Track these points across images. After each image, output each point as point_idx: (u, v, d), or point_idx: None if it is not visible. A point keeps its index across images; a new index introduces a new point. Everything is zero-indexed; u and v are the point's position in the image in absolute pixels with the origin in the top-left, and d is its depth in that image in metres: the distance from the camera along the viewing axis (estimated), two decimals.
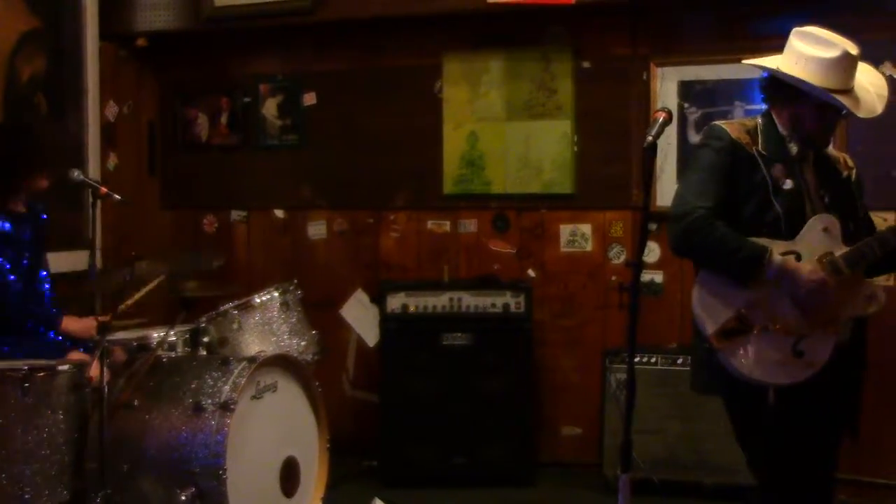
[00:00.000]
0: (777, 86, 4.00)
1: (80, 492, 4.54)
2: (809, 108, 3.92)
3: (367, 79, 7.35)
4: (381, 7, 6.92)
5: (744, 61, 4.17)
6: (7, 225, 5.24)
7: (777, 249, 3.80)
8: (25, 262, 5.31)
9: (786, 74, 3.93)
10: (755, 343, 3.77)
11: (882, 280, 6.07)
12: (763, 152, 3.92)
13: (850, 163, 4.18)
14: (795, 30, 4.04)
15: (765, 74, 4.06)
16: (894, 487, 6.16)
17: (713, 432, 5.95)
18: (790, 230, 3.85)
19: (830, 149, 4.23)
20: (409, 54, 7.25)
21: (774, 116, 4.01)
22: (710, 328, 3.81)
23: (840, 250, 3.85)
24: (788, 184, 3.89)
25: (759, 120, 4.04)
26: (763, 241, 3.81)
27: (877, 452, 6.12)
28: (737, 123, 4.05)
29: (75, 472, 4.52)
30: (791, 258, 3.79)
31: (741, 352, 3.78)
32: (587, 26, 6.85)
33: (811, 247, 3.84)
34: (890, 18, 6.17)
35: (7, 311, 5.15)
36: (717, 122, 4.06)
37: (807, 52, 3.92)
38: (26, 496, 4.35)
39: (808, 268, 3.78)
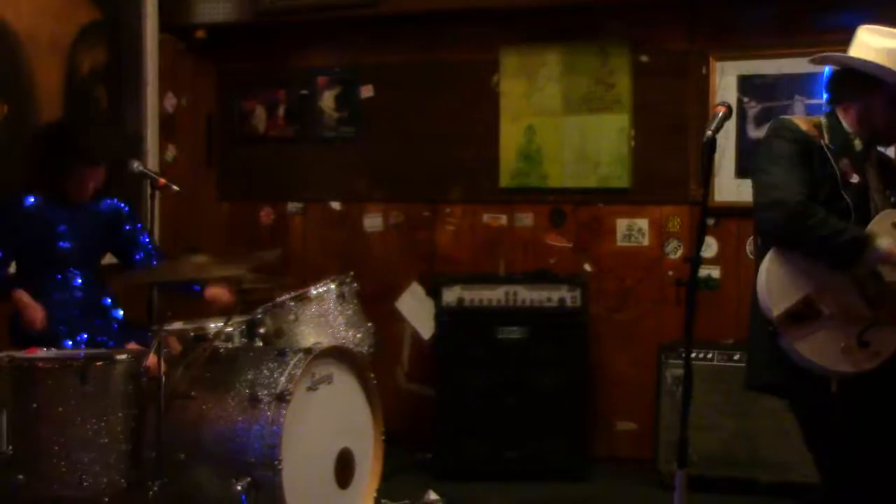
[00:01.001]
0: (846, 80, 3.97)
1: (137, 480, 4.58)
2: (881, 101, 3.89)
3: (425, 72, 7.36)
4: (439, 0, 6.93)
5: (821, 55, 4.11)
6: (30, 199, 5.31)
7: None
8: (64, 244, 5.35)
9: (864, 62, 3.89)
10: (821, 329, 3.73)
11: None
12: (830, 145, 3.89)
13: None
14: (863, 27, 4.00)
15: (831, 70, 4.03)
16: None
17: (769, 429, 5.92)
18: (857, 223, 3.81)
19: (890, 154, 4.21)
20: (467, 48, 7.25)
21: (840, 114, 3.97)
22: (776, 310, 3.76)
23: None
24: (855, 178, 3.86)
25: (823, 119, 3.99)
26: None
27: None
28: (803, 118, 4.02)
29: (132, 461, 4.56)
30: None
31: (806, 337, 3.74)
32: (645, 20, 6.82)
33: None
34: None
35: None
36: (784, 116, 4.04)
37: (878, 44, 3.88)
38: (84, 483, 4.39)
39: None
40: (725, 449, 6.15)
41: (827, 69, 4.05)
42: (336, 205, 7.63)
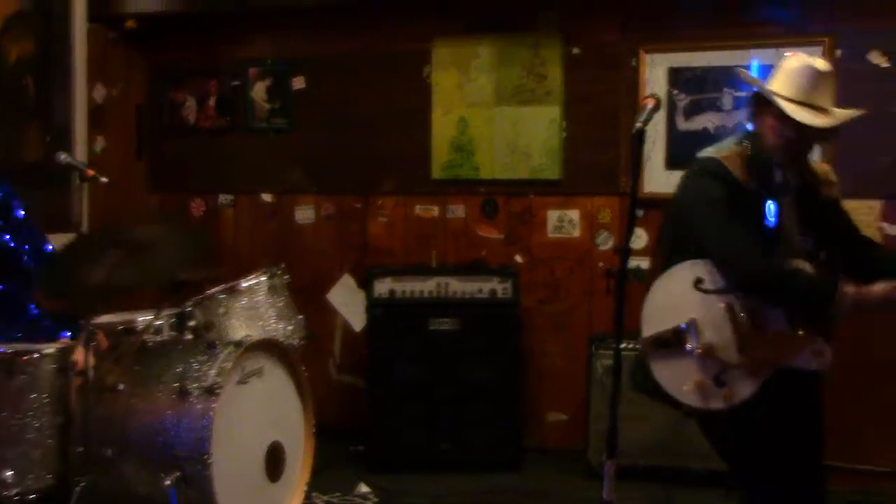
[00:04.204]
0: (754, 100, 3.96)
1: (64, 476, 4.52)
2: (772, 119, 3.86)
3: (357, 63, 7.34)
4: None
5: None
6: None
7: None
8: None
9: (745, 74, 3.98)
10: (681, 358, 3.77)
11: None
12: (758, 189, 3.84)
13: (833, 177, 4.10)
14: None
15: (753, 89, 4.02)
16: (878, 474, 6.20)
17: None
18: None
19: (813, 163, 4.15)
20: (399, 39, 7.24)
21: (760, 134, 3.93)
22: (645, 332, 3.82)
23: None
24: (774, 221, 3.85)
25: (746, 142, 3.93)
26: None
27: (859, 439, 6.17)
28: (733, 156, 3.90)
29: (60, 457, 4.50)
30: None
31: (665, 361, 3.79)
32: (577, 12, 6.85)
33: None
34: (877, 8, 6.19)
35: None
36: (713, 157, 3.92)
37: (782, 65, 3.91)
38: (9, 480, 4.34)
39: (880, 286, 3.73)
40: (656, 438, 6.18)
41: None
42: (267, 197, 7.60)
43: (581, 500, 6.03)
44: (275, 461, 5.09)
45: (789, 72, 3.87)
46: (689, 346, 3.75)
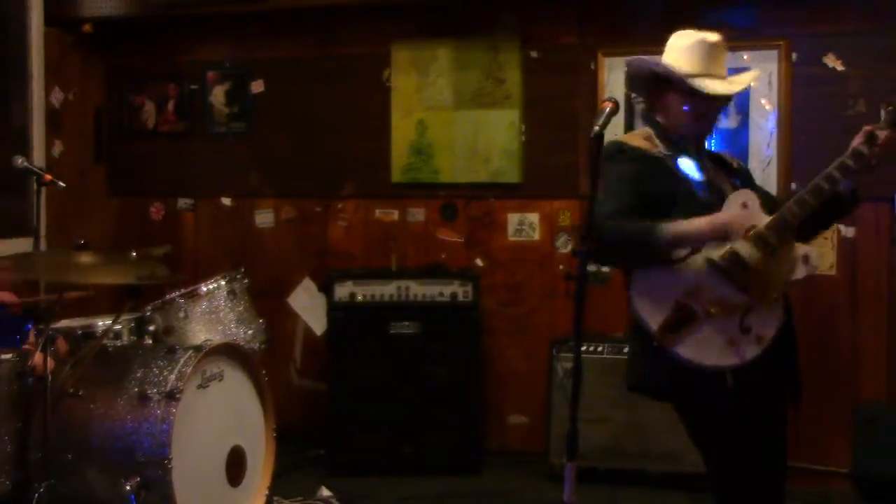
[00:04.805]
0: (647, 81, 4.01)
1: (22, 482, 4.50)
2: (675, 96, 3.91)
3: (316, 67, 7.33)
4: None
5: (631, 58, 4.12)
6: None
7: None
8: None
9: (638, 60, 3.98)
10: (702, 328, 3.75)
11: (826, 270, 6.19)
12: (667, 152, 3.90)
13: (729, 155, 4.20)
14: (676, 32, 4.05)
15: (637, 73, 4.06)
16: (834, 474, 6.25)
17: (658, 421, 5.99)
18: None
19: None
20: (358, 42, 7.23)
21: (660, 118, 3.99)
22: (654, 325, 3.78)
23: (763, 221, 3.79)
24: (700, 175, 3.88)
25: (648, 128, 4.00)
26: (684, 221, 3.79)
27: (816, 440, 6.22)
28: (635, 134, 4.01)
29: (18, 462, 4.48)
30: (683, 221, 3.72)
31: (688, 340, 3.75)
32: (536, 16, 6.87)
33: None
34: (831, 12, 6.25)
35: None
36: (615, 138, 3.98)
37: (676, 43, 3.95)
38: None
39: (696, 220, 3.71)
40: (616, 441, 6.22)
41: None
42: (227, 200, 7.57)
43: (542, 502, 6.05)
44: (236, 465, 5.08)
45: (682, 49, 3.92)
46: (699, 312, 3.74)
